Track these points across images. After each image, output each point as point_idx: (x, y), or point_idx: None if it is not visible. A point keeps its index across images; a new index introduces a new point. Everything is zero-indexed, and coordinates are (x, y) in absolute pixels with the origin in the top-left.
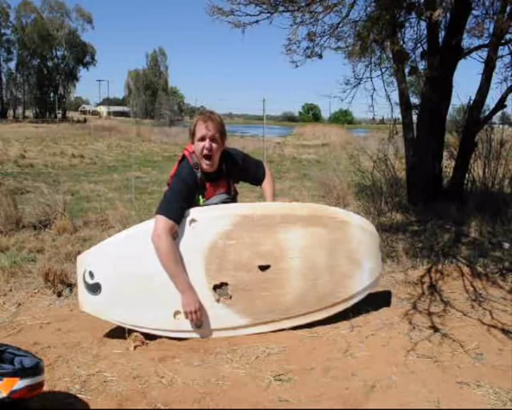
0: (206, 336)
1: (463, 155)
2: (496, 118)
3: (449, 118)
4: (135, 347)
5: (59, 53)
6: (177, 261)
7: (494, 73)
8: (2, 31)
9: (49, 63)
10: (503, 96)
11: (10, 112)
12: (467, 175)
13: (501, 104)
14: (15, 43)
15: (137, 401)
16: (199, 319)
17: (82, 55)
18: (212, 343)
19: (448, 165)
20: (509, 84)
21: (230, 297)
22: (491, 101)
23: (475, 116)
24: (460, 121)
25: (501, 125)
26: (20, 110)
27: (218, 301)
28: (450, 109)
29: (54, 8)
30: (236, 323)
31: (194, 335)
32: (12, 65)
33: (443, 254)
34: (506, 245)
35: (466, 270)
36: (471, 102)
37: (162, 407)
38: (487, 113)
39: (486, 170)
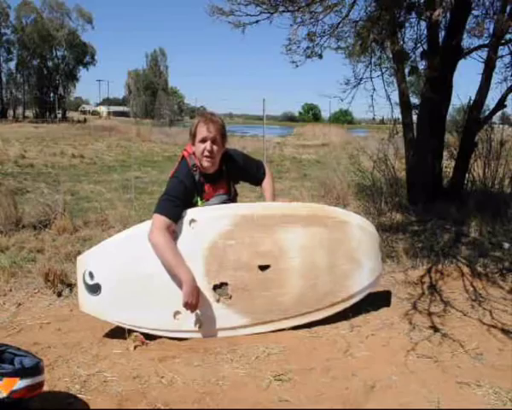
0: (206, 336)
1: (463, 155)
2: (496, 118)
3: (449, 118)
4: (135, 347)
5: (59, 53)
6: (175, 253)
7: (494, 73)
8: (3, 31)
9: (49, 63)
10: (503, 96)
11: (10, 112)
12: (467, 175)
13: (501, 104)
14: (15, 43)
15: (137, 401)
16: (195, 309)
17: (82, 55)
18: (212, 343)
19: (448, 165)
20: (509, 84)
21: (230, 297)
22: (491, 101)
23: (475, 116)
24: (460, 121)
25: (501, 125)
26: (20, 110)
27: (218, 301)
28: (450, 109)
29: (54, 8)
30: (236, 323)
31: (194, 335)
32: (12, 65)
33: (443, 254)
34: (506, 245)
35: (466, 270)
36: (471, 102)
37: (162, 407)
38: (487, 113)
39: (486, 170)
